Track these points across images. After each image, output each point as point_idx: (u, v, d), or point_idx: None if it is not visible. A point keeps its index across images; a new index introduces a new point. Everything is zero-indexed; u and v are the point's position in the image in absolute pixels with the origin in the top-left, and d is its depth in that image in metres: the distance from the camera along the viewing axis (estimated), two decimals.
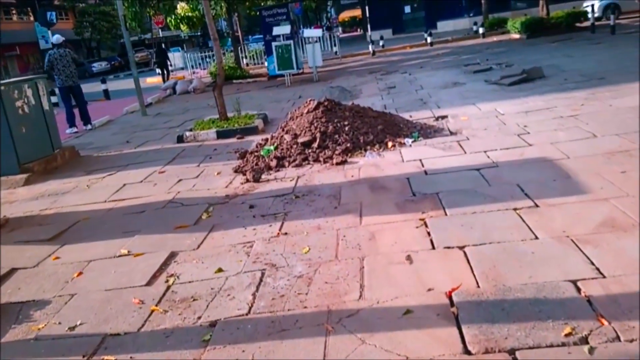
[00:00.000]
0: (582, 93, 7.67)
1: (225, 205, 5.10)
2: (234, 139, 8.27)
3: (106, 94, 17.76)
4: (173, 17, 17.87)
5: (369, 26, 22.15)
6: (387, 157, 5.97)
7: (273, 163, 6.19)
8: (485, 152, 5.56)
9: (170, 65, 26.18)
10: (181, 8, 17.24)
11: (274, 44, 14.43)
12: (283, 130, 6.85)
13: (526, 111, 7.11)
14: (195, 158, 7.30)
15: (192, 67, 23.72)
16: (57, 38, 10.92)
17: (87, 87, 23.15)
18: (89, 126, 11.13)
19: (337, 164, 5.91)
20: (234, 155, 7.04)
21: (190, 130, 8.75)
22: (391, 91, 10.81)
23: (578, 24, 17.77)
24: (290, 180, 5.60)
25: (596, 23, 16.42)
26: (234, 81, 17.06)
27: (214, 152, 7.52)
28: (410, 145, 6.29)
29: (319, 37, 15.66)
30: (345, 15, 61.79)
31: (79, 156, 8.46)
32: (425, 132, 6.77)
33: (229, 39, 33.05)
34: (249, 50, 24.41)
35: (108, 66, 45.73)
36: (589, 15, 16.35)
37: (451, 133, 6.65)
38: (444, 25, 30.75)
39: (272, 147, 6.56)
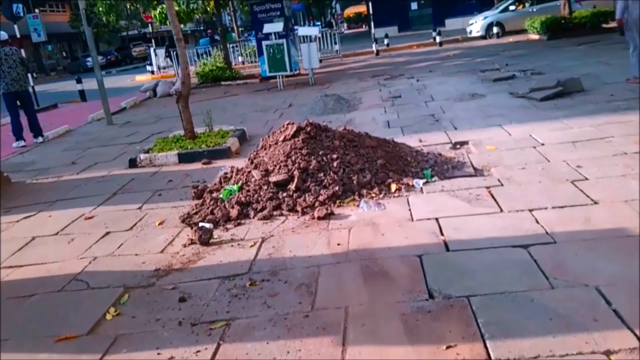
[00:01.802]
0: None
1: (148, 293, 3.44)
2: (199, 163, 6.61)
3: (82, 95, 16.10)
4: (158, 11, 16.11)
5: (372, 23, 20.36)
6: (389, 209, 4.30)
7: (234, 212, 4.53)
8: (530, 211, 3.87)
9: None
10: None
11: (264, 42, 12.74)
12: (252, 163, 5.17)
13: (573, 141, 5.41)
14: (140, 195, 5.64)
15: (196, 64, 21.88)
16: (2, 34, 9.26)
17: (74, 85, 21.37)
18: (40, 139, 9.46)
19: (320, 218, 4.24)
20: (191, 191, 5.39)
21: (147, 151, 7.08)
22: (396, 102, 9.11)
23: (605, 25, 16.00)
24: (251, 246, 3.93)
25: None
26: (222, 83, 15.33)
27: (168, 185, 5.86)
28: (422, 189, 4.62)
29: (316, 36, 13.94)
30: (351, 11, 59.98)
31: (7, 184, 6.79)
32: (441, 168, 5.08)
33: (232, 34, 31.24)
34: (245, 47, 22.65)
35: (103, 61, 44.20)
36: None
37: (475, 170, 4.96)
38: (452, 23, 28.95)
39: (235, 187, 4.89)
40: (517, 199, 4.13)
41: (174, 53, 20.86)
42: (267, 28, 12.45)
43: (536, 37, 17.22)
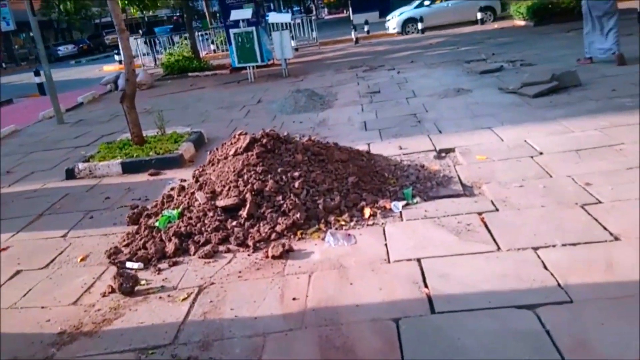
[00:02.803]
0: None
1: None
2: (146, 174, 5.73)
3: (40, 89, 14.91)
4: None
5: (350, 9, 19.41)
6: (361, 243, 3.49)
7: (170, 246, 3.68)
8: (535, 250, 3.09)
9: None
10: None
11: (231, 31, 11.77)
12: (197, 182, 4.31)
13: (577, 149, 4.64)
14: (69, 217, 4.75)
15: (157, 52, 20.58)
16: None
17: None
18: None
19: (275, 257, 3.41)
20: (127, 213, 4.52)
21: (87, 160, 6.16)
22: (374, 98, 8.27)
23: None
24: (184, 299, 3.09)
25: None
26: (190, 74, 14.29)
27: (103, 204, 4.98)
28: (401, 215, 3.82)
29: (288, 23, 12.95)
30: None
31: None
32: (424, 185, 4.28)
33: (206, 22, 29.87)
34: (218, 35, 21.50)
35: (75, 49, 42.74)
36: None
37: (464, 188, 4.17)
38: None
39: (175, 213, 4.04)
40: (517, 230, 3.34)
41: (151, 40, 19.64)
42: (235, 15, 11.46)
43: (522, 23, 16.47)
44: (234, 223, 3.80)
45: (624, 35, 10.80)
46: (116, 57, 23.75)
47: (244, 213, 3.83)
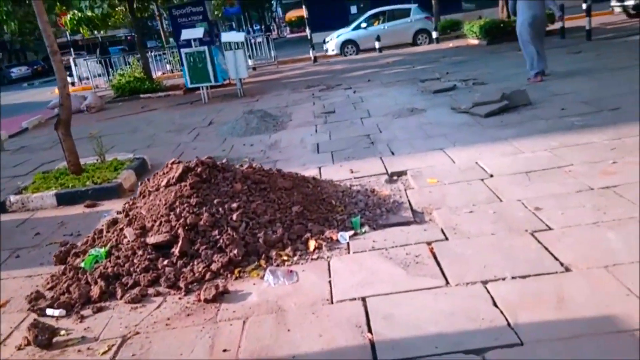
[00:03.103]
0: (600, 136, 5.18)
1: None
2: (82, 206, 5.37)
3: None
4: (69, 17, 14.52)
5: (308, 28, 19.36)
6: (303, 281, 3.25)
7: (95, 290, 3.35)
8: (484, 284, 2.91)
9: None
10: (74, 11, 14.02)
11: (183, 50, 11.48)
12: (126, 216, 3.99)
13: (527, 171, 4.54)
14: None
15: (112, 74, 19.92)
16: None
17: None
18: None
19: (208, 300, 3.13)
20: (57, 249, 4.17)
21: (20, 192, 5.74)
22: (329, 119, 8.09)
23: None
24: (104, 352, 2.77)
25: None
26: (142, 96, 13.88)
27: (33, 241, 4.60)
28: (348, 247, 3.60)
29: (242, 43, 12.76)
30: (292, 14, 59.15)
31: None
32: (373, 212, 4.08)
33: (162, 41, 29.58)
34: (174, 55, 21.10)
35: (29, 71, 41.45)
36: (556, 17, 14.14)
37: (414, 214, 3.99)
38: None
39: (102, 251, 3.71)
40: (467, 262, 3.16)
41: (104, 61, 19.02)
42: (185, 34, 11.18)
43: (476, 42, 16.72)
44: (165, 262, 3.50)
45: (572, 53, 11.12)
46: (68, 79, 22.98)
47: (176, 250, 3.54)
